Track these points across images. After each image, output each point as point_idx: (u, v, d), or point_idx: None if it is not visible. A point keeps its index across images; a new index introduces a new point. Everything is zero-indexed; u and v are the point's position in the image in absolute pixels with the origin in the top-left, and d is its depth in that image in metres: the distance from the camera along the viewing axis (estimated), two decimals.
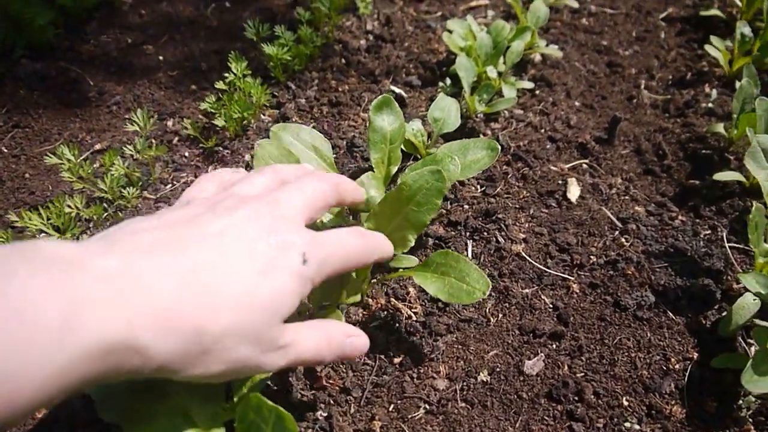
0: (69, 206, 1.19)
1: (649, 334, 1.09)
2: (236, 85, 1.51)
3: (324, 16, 1.87)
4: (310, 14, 1.81)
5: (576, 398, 1.00)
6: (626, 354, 1.07)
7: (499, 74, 1.65)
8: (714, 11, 1.94)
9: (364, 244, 0.85)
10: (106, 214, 1.28)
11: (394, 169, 1.24)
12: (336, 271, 0.78)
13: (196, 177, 1.45)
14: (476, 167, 1.19)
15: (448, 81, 1.71)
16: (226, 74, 1.53)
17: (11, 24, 1.77)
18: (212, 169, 1.47)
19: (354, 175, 1.23)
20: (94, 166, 1.36)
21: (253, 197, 0.77)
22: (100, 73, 1.80)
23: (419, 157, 1.40)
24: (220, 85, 1.52)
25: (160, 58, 1.87)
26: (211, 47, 1.90)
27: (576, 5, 2.03)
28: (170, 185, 1.43)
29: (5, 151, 1.54)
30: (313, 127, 1.56)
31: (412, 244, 1.06)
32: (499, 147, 1.19)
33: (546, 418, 0.98)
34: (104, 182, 1.26)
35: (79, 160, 1.29)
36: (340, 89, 1.71)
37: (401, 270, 1.10)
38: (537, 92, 1.70)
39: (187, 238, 0.67)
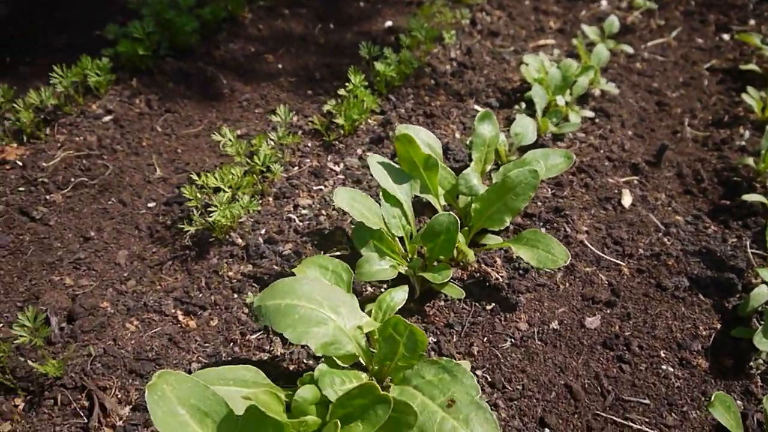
0: (232, 173, 1.53)
1: (683, 309, 1.40)
2: (354, 93, 1.86)
3: (418, 42, 2.22)
4: (410, 40, 2.16)
5: (624, 348, 1.31)
6: (665, 322, 1.38)
7: (566, 103, 1.98)
8: (752, 66, 2.26)
9: None
10: (266, 181, 1.62)
11: (488, 167, 1.58)
12: None
13: (317, 163, 1.79)
14: (555, 170, 1.52)
15: (523, 105, 2.05)
16: (347, 83, 1.88)
17: (161, 28, 2.14)
18: (332, 157, 1.81)
19: (456, 171, 1.56)
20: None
21: None
22: (231, 74, 2.16)
23: (500, 162, 1.72)
24: (341, 92, 1.87)
25: (280, 66, 2.23)
26: (322, 61, 2.26)
27: (631, 51, 2.37)
28: (297, 167, 1.77)
29: (159, 129, 1.90)
30: None
31: (508, 224, 1.39)
32: (574, 156, 1.52)
33: (601, 359, 1.30)
34: (258, 159, 1.60)
35: (235, 141, 1.63)
36: (432, 104, 2.05)
37: (500, 242, 1.43)
38: (597, 120, 2.03)
39: None
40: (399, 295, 1.29)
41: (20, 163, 1.70)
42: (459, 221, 1.29)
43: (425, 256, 1.37)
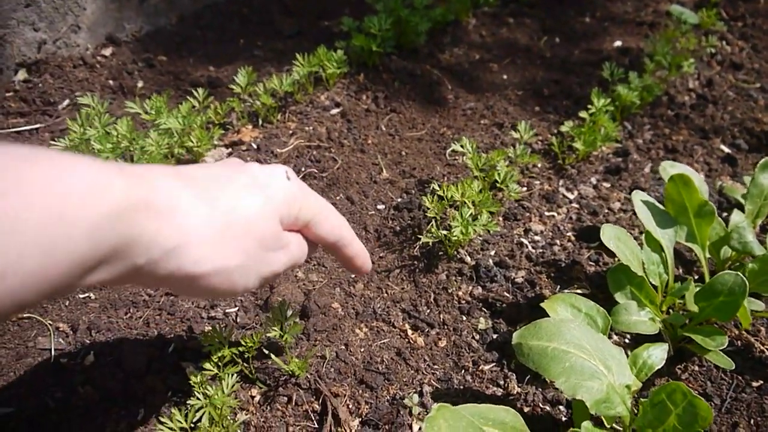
0: (472, 187, 1.45)
1: None
2: (595, 117, 1.72)
3: (656, 68, 2.04)
4: (654, 65, 1.99)
5: None
6: None
7: None
8: None
9: (345, 222, 0.91)
10: (495, 199, 1.53)
11: (759, 221, 1.39)
12: (314, 213, 0.84)
13: (548, 186, 1.67)
14: None
15: None
16: (589, 106, 1.75)
17: (392, 25, 2.11)
18: (563, 182, 1.69)
19: (726, 220, 1.38)
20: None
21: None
22: (455, 79, 2.10)
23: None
24: (583, 114, 1.74)
25: (504, 77, 2.13)
26: (549, 76, 2.14)
27: None
28: (526, 188, 1.66)
29: (384, 129, 1.86)
30: (651, 168, 1.74)
31: None
32: None
33: None
34: (497, 175, 1.51)
35: (474, 154, 1.55)
36: (673, 138, 1.87)
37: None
38: None
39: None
40: (658, 354, 1.14)
41: (255, 146, 1.72)
42: (747, 284, 1.13)
43: (693, 314, 1.21)
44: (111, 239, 0.56)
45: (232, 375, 1.02)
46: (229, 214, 0.70)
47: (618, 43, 2.37)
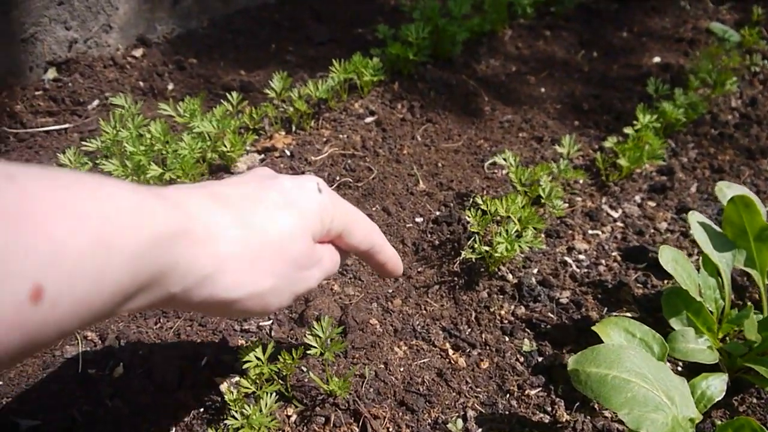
0: (516, 203, 1.39)
1: None
2: (640, 133, 1.66)
3: (699, 86, 1.98)
4: (699, 83, 1.93)
5: None
6: None
7: None
8: None
9: (376, 229, 0.90)
10: (538, 215, 1.48)
11: None
12: (345, 223, 0.82)
13: (591, 203, 1.61)
14: None
15: None
16: (635, 121, 1.69)
17: (429, 34, 2.06)
18: (606, 199, 1.62)
19: None
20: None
21: None
22: (491, 91, 2.04)
23: None
24: (628, 130, 1.68)
25: (542, 90, 2.08)
26: (588, 90, 2.08)
27: None
28: (568, 205, 1.60)
29: (419, 139, 1.81)
30: (697, 188, 1.68)
31: None
32: None
33: None
34: (542, 190, 1.46)
35: (517, 168, 1.49)
36: (719, 157, 1.81)
37: None
38: None
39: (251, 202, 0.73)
40: (718, 385, 1.09)
41: (288, 153, 1.67)
42: None
43: (753, 344, 1.15)
44: (150, 267, 0.55)
45: (271, 394, 0.96)
46: (262, 236, 0.69)
47: (657, 59, 2.31)
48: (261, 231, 0.69)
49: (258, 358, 0.99)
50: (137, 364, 1.10)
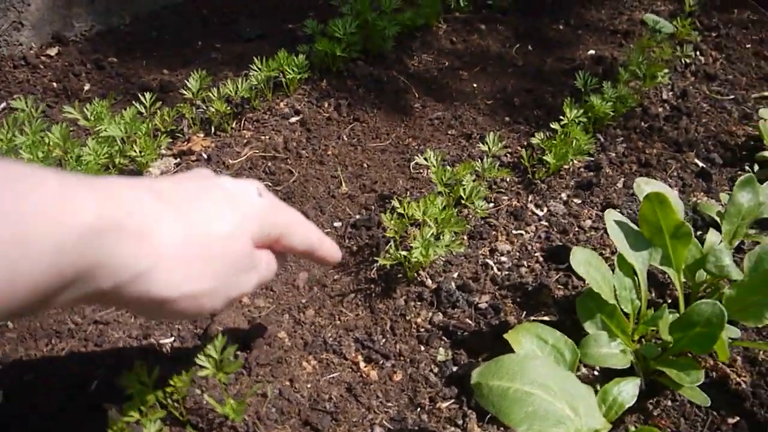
0: (435, 204, 1.35)
1: None
2: (567, 129, 1.63)
3: (630, 79, 1.96)
4: (629, 75, 1.91)
5: None
6: None
7: None
8: None
9: (312, 227, 0.92)
10: (460, 216, 1.44)
11: (736, 242, 1.31)
12: (285, 226, 0.82)
13: (517, 202, 1.58)
14: None
15: (756, 167, 1.75)
16: (561, 117, 1.66)
17: (358, 29, 2.01)
18: (532, 198, 1.60)
19: (701, 240, 1.30)
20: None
21: None
22: (422, 87, 2.00)
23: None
24: (555, 125, 1.65)
25: (474, 85, 2.04)
26: (521, 85, 2.05)
27: None
28: (493, 204, 1.57)
29: (345, 139, 1.76)
30: (624, 183, 1.66)
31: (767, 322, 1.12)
32: None
33: None
34: (462, 191, 1.42)
35: (438, 167, 1.45)
36: (647, 151, 1.79)
37: (753, 342, 1.16)
38: None
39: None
40: (630, 390, 1.06)
41: (205, 156, 1.61)
42: (725, 315, 1.04)
43: (667, 345, 1.12)
44: (78, 262, 0.53)
45: (155, 421, 0.91)
46: (203, 234, 0.67)
47: (592, 52, 2.29)
48: (201, 228, 0.67)
49: (142, 383, 0.93)
50: (20, 390, 1.03)
